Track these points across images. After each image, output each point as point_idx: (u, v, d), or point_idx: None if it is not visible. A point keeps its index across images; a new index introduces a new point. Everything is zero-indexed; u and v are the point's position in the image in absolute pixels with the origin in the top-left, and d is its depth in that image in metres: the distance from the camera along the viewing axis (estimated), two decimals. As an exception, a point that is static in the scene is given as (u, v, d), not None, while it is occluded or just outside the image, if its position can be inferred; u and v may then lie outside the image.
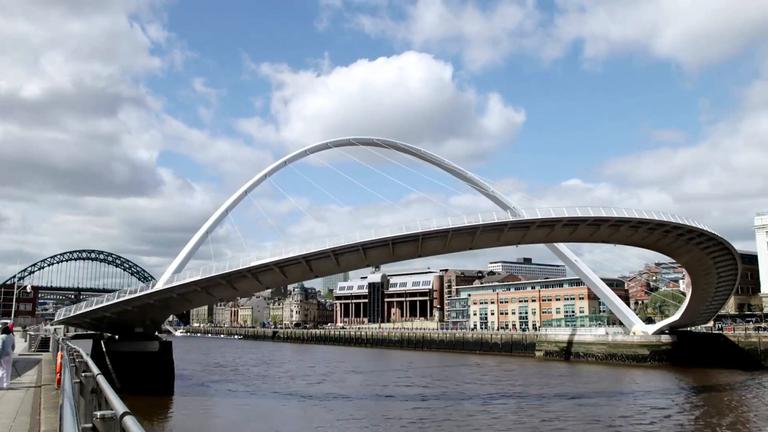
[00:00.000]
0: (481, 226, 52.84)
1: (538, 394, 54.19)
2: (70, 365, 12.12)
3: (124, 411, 5.10)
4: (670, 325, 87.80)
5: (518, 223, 54.75)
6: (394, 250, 53.37)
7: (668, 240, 63.40)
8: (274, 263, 51.42)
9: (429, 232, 52.02)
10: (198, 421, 41.11)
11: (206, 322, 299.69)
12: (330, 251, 51.43)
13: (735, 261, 70.96)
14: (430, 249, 55.40)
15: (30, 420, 13.08)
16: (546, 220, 54.97)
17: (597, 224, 57.52)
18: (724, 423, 40.51)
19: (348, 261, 54.60)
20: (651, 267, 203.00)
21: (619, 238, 61.78)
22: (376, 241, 51.70)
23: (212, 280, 52.39)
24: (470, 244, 55.87)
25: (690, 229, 61.52)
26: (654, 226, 59.81)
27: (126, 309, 53.26)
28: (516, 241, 57.97)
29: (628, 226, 58.80)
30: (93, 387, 8.29)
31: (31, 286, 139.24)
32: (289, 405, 48.27)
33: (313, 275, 56.63)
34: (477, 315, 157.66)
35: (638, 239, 63.03)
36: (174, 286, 52.67)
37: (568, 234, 58.68)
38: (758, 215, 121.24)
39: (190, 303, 56.68)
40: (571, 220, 55.46)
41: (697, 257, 68.92)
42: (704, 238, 63.82)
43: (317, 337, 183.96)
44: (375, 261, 56.00)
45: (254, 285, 55.83)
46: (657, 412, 43.88)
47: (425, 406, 46.34)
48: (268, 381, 66.41)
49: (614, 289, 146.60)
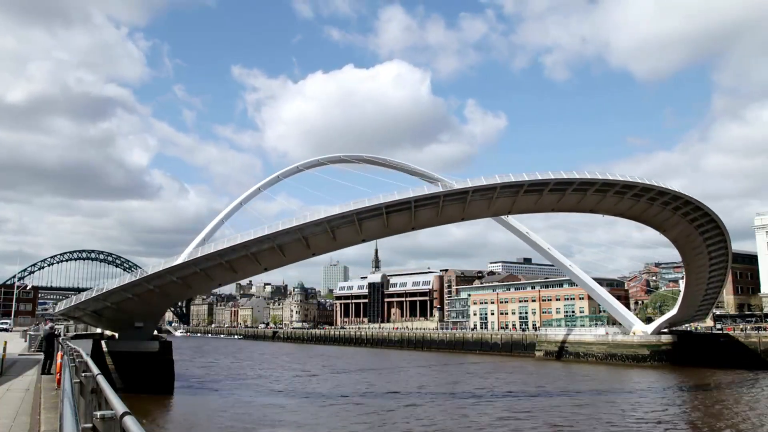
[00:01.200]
0: (471, 189, 53.88)
1: (538, 394, 54.19)
2: (70, 365, 12.13)
3: (124, 411, 5.11)
4: (670, 321, 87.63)
5: (508, 185, 55.41)
6: (389, 222, 54.01)
7: (654, 210, 63.99)
8: (271, 235, 51.95)
9: (420, 197, 53.11)
10: (198, 421, 41.10)
11: (206, 322, 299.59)
12: (325, 220, 52.15)
13: (724, 237, 71.35)
14: (423, 219, 55.96)
15: (30, 420, 13.09)
16: (535, 182, 55.85)
17: (584, 189, 58.43)
18: (725, 423, 40.51)
19: (344, 235, 54.74)
20: (651, 267, 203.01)
21: (606, 206, 62.25)
22: (370, 208, 52.47)
23: (209, 258, 52.43)
24: (462, 214, 56.67)
25: (676, 195, 62.56)
26: (640, 191, 60.52)
27: (126, 297, 53.05)
28: (506, 209, 58.71)
29: (614, 192, 59.56)
30: (93, 387, 8.29)
31: (32, 286, 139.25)
32: (289, 405, 48.25)
33: (311, 253, 56.09)
34: (477, 315, 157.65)
35: (625, 209, 63.40)
36: (172, 266, 52.50)
37: (556, 201, 59.33)
38: (758, 215, 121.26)
39: (190, 288, 56.21)
40: (559, 182, 56.54)
41: (686, 232, 69.19)
42: (690, 207, 64.83)
43: (317, 337, 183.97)
44: (370, 235, 56.16)
45: (254, 266, 55.28)
46: (657, 413, 43.87)
47: (421, 403, 46.35)
48: (267, 381, 66.37)
49: (614, 289, 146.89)
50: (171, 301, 59.38)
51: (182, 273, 53.16)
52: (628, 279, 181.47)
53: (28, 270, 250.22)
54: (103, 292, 53.60)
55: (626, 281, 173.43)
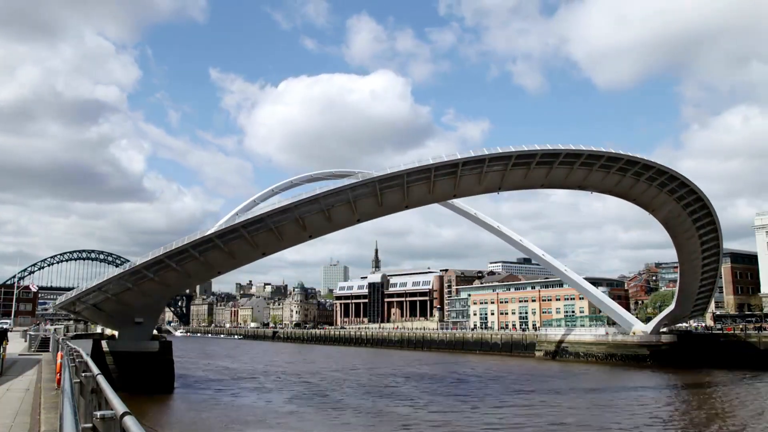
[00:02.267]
0: (461, 161, 55.04)
1: (539, 394, 54.18)
2: (70, 365, 12.13)
3: (124, 411, 5.12)
4: (668, 318, 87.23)
5: (497, 156, 56.52)
6: (382, 199, 54.72)
7: (641, 186, 64.90)
8: (266, 214, 52.51)
9: (413, 170, 54.22)
10: (198, 421, 41.11)
11: (206, 322, 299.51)
12: (321, 196, 52.78)
13: (713, 219, 72.01)
14: (416, 197, 56.58)
15: (30, 420, 13.10)
16: (523, 153, 57.25)
17: (570, 162, 59.44)
18: (725, 423, 40.52)
19: (339, 215, 55.08)
20: (651, 267, 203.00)
21: (593, 181, 63.06)
22: (363, 182, 53.56)
23: (206, 241, 52.53)
24: (454, 190, 57.66)
25: (660, 169, 63.70)
26: (625, 164, 61.66)
27: (126, 287, 52.97)
28: (496, 185, 59.30)
29: (600, 165, 60.70)
30: (93, 387, 8.30)
31: (35, 287, 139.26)
32: (289, 404, 48.24)
33: (308, 235, 56.15)
34: (477, 315, 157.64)
35: (612, 184, 64.17)
36: (169, 251, 52.43)
37: (544, 176, 60.27)
38: (758, 215, 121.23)
39: (189, 277, 56.02)
40: (545, 154, 57.85)
41: (674, 213, 69.78)
42: (676, 183, 65.93)
43: (317, 337, 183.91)
44: (365, 214, 56.68)
45: (251, 250, 55.26)
46: (656, 413, 43.88)
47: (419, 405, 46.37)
48: (267, 381, 66.36)
49: (614, 288, 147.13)
50: (171, 292, 59.17)
51: (180, 258, 53.02)
52: (628, 279, 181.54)
53: (28, 270, 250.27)
54: (104, 281, 53.73)
55: (626, 281, 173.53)
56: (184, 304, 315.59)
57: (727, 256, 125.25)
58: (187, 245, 52.46)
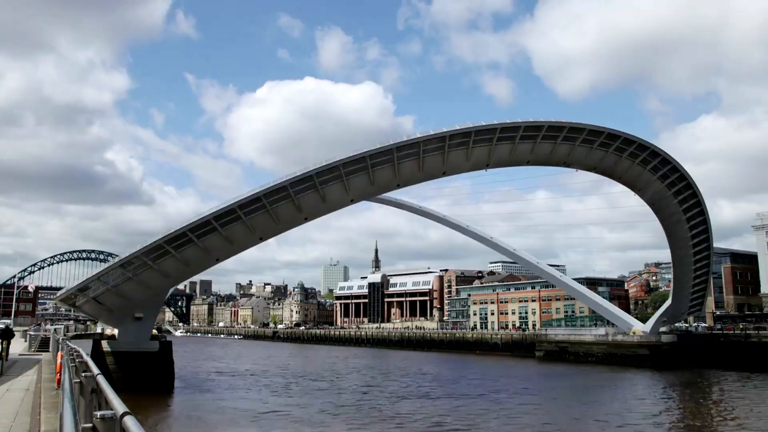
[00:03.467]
0: (448, 134, 56.22)
1: (538, 394, 54.19)
2: (70, 365, 12.13)
3: (124, 411, 5.11)
4: (666, 314, 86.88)
5: (483, 129, 57.51)
6: (374, 177, 55.33)
7: (624, 164, 65.86)
8: (260, 193, 52.66)
9: (402, 144, 55.43)
10: (198, 421, 41.10)
11: (206, 322, 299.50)
12: (313, 173, 53.19)
13: (699, 200, 72.48)
14: (406, 174, 57.19)
15: (30, 420, 13.10)
16: (507, 126, 58.54)
17: (553, 136, 60.54)
18: (725, 423, 40.51)
19: (332, 194, 55.29)
20: (651, 267, 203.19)
21: (577, 158, 63.70)
22: (355, 158, 54.23)
23: (204, 224, 52.62)
24: (443, 167, 58.07)
25: (642, 144, 64.99)
26: (605, 139, 62.74)
27: (127, 277, 52.94)
28: (483, 161, 59.93)
29: (582, 140, 61.80)
30: (93, 387, 8.29)
31: (33, 286, 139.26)
32: (288, 403, 48.25)
33: (303, 217, 56.16)
34: (477, 315, 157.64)
35: (596, 161, 65.02)
36: (167, 233, 52.59)
37: (529, 151, 61.19)
38: (758, 215, 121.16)
39: (188, 266, 55.92)
40: (529, 127, 59.30)
41: (660, 194, 70.45)
42: (658, 160, 67.14)
43: (317, 337, 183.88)
44: (358, 194, 57.28)
45: (249, 234, 55.12)
46: (656, 413, 43.88)
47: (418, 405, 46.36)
48: (267, 381, 66.37)
49: (614, 288, 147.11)
50: (170, 283, 59.09)
51: (178, 244, 53.05)
52: (628, 279, 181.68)
53: (28, 270, 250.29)
54: (104, 269, 53.98)
55: (626, 281, 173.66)
56: (184, 304, 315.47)
57: (727, 256, 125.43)
58: (185, 228, 52.61)
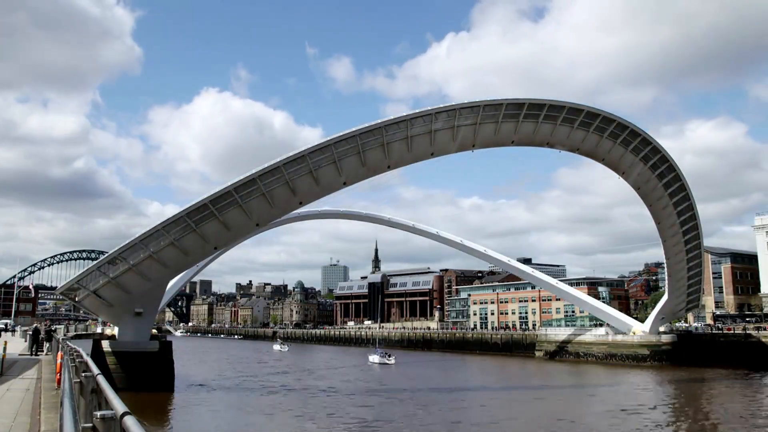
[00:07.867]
0: (435, 111, 57.48)
1: (537, 393, 54.21)
2: (70, 365, 12.13)
3: (124, 411, 5.11)
4: (664, 311, 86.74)
5: (467, 107, 58.71)
6: (365, 159, 56.03)
7: (606, 144, 66.29)
8: (255, 174, 53.08)
9: (390, 121, 56.60)
10: (198, 421, 41.13)
11: (206, 322, 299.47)
12: (306, 153, 53.94)
13: (683, 183, 72.63)
14: (396, 155, 57.85)
15: (30, 420, 13.09)
16: (490, 103, 59.69)
17: (535, 115, 61.29)
18: (725, 423, 40.52)
19: (325, 177, 55.65)
20: (651, 267, 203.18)
21: (559, 138, 64.15)
22: (345, 136, 55.19)
23: (201, 209, 52.79)
24: (431, 147, 58.87)
25: (622, 124, 65.51)
26: (585, 118, 63.49)
27: (126, 267, 52.89)
28: (469, 141, 60.48)
29: (563, 119, 62.52)
30: (93, 387, 8.29)
31: (33, 287, 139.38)
32: (288, 403, 48.29)
33: (298, 201, 56.52)
34: (477, 315, 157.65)
35: (578, 141, 65.38)
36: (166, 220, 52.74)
37: (513, 131, 61.83)
38: (758, 215, 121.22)
39: (187, 255, 55.87)
40: (510, 104, 60.30)
41: (644, 177, 70.71)
42: (639, 140, 67.75)
43: (317, 337, 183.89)
44: (351, 176, 57.65)
45: (245, 218, 55.02)
46: (655, 413, 43.89)
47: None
48: (266, 381, 66.42)
49: (614, 289, 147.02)
50: (170, 274, 59.08)
51: (177, 230, 53.12)
52: (628, 279, 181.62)
53: (28, 270, 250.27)
54: (104, 258, 53.93)
55: (626, 281, 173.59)
56: (184, 304, 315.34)
57: (727, 256, 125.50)
58: (182, 213, 52.74)
